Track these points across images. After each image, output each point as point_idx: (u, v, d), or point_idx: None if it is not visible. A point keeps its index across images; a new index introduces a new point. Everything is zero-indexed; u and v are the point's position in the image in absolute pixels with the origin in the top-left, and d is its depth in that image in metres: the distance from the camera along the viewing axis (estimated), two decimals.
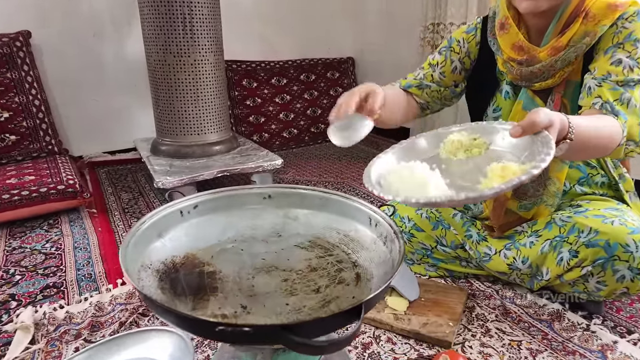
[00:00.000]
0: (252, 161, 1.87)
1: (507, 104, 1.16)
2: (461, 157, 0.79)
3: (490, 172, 0.68)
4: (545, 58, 1.00)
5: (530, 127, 0.70)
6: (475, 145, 0.79)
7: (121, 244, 0.67)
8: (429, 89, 1.21)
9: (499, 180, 0.65)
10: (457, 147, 0.81)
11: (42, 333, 1.13)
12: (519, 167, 0.67)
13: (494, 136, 0.79)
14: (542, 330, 1.05)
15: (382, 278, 0.69)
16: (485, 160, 0.75)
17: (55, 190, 1.80)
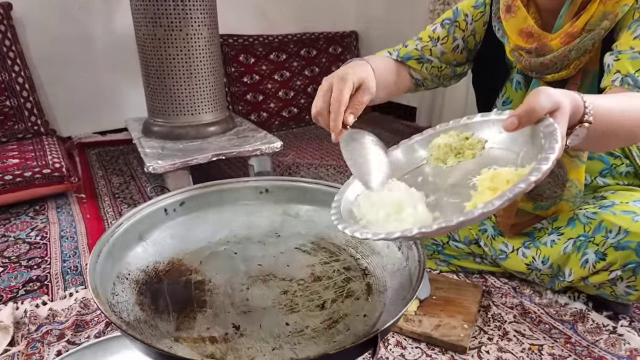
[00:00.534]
0: (249, 144, 1.76)
1: (519, 95, 1.03)
2: (452, 164, 0.64)
3: (480, 183, 0.54)
4: (558, 47, 0.86)
5: (527, 115, 0.54)
6: (467, 147, 0.64)
7: (90, 256, 0.57)
8: (429, 64, 1.05)
9: (489, 194, 0.51)
10: (446, 151, 0.66)
11: (22, 333, 1.04)
12: (514, 172, 0.52)
13: (490, 131, 0.63)
14: (565, 332, 0.97)
15: (398, 292, 0.60)
16: (479, 165, 0.60)
17: (40, 175, 1.69)
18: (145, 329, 0.55)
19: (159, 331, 0.55)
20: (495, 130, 0.63)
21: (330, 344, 0.54)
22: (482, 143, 0.63)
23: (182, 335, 0.55)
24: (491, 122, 0.63)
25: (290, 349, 0.53)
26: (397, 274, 0.63)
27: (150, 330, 0.55)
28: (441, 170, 0.65)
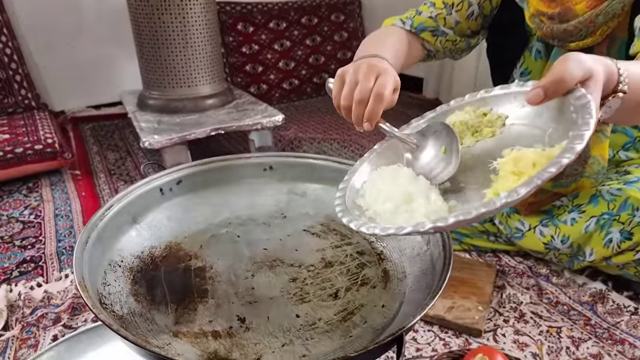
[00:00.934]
0: (249, 117, 1.68)
1: (538, 65, 0.95)
2: (469, 144, 0.57)
3: (502, 167, 0.47)
4: (584, 11, 0.78)
5: (555, 86, 0.47)
6: (486, 124, 0.57)
7: (77, 243, 0.51)
8: (443, 38, 0.97)
9: (512, 179, 0.44)
10: (462, 130, 0.59)
11: (16, 317, 1.00)
12: (541, 153, 0.45)
13: (511, 106, 0.56)
14: (584, 314, 0.92)
15: (419, 280, 0.54)
16: (500, 144, 0.54)
17: (32, 151, 1.63)
18: (140, 323, 0.49)
19: (156, 325, 0.50)
20: (517, 104, 0.55)
21: (346, 339, 0.48)
22: (502, 119, 0.56)
23: (182, 330, 0.50)
24: (512, 95, 0.56)
25: (302, 344, 0.48)
26: (417, 259, 0.57)
27: (146, 324, 0.50)
28: None
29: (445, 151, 0.55)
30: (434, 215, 0.46)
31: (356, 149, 1.85)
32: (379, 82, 0.60)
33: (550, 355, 0.83)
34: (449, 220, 0.40)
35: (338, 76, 0.65)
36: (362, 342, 0.48)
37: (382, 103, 0.59)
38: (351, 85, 0.62)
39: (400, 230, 0.43)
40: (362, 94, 0.60)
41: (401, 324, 0.46)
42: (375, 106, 0.59)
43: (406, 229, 0.42)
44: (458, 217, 0.40)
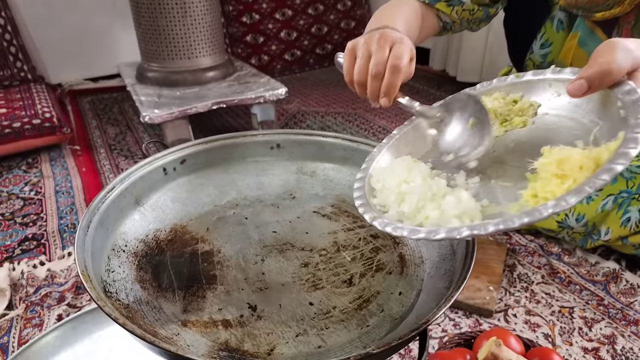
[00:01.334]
0: (251, 90, 1.63)
1: (560, 37, 0.90)
2: (498, 134, 0.52)
3: (542, 167, 0.42)
4: None
5: (600, 77, 0.43)
6: (516, 112, 0.52)
7: (78, 228, 0.49)
8: (460, 7, 0.92)
9: (555, 183, 0.39)
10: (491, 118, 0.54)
11: (20, 296, 0.99)
12: (587, 155, 0.39)
13: (545, 93, 0.52)
14: (597, 294, 0.91)
15: (438, 266, 0.52)
16: (534, 137, 0.49)
17: (30, 125, 1.59)
18: (147, 312, 0.47)
19: (163, 314, 0.48)
20: (552, 92, 0.51)
21: (363, 329, 0.46)
22: (535, 108, 0.52)
23: (191, 319, 0.47)
24: (546, 81, 0.51)
25: (317, 334, 0.46)
26: (434, 244, 0.55)
27: (153, 313, 0.47)
28: None
29: (472, 125, 0.52)
30: (466, 217, 0.43)
31: (361, 123, 1.81)
32: (395, 52, 0.56)
33: (563, 336, 0.82)
34: (488, 228, 0.37)
35: (348, 50, 0.60)
36: (380, 332, 0.46)
37: (399, 75, 0.55)
38: (364, 58, 0.58)
39: (433, 234, 0.39)
40: (378, 66, 0.56)
41: (423, 315, 0.44)
42: (392, 79, 0.55)
43: (439, 234, 0.39)
44: (498, 227, 0.36)
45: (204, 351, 0.44)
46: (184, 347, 0.44)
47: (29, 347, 0.78)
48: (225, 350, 0.44)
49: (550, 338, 0.82)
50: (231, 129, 1.82)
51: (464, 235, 0.38)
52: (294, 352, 0.44)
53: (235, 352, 0.44)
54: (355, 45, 0.60)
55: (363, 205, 0.48)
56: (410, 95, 0.58)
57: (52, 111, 1.66)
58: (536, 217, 0.36)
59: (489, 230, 0.37)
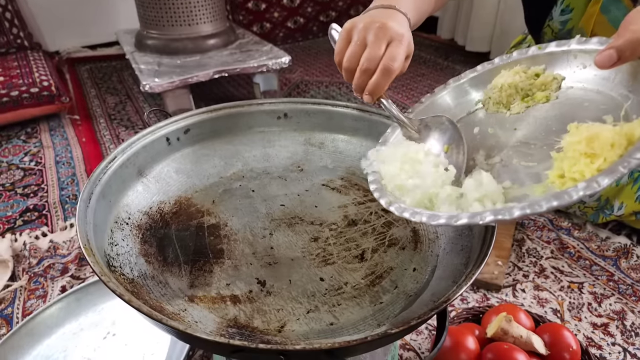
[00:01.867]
0: (253, 59, 1.59)
1: (581, 2, 0.85)
2: (518, 110, 0.50)
3: (569, 146, 0.39)
4: None
5: (632, 47, 0.39)
6: (538, 86, 0.49)
7: (79, 201, 0.47)
8: None
9: (584, 163, 0.37)
10: (510, 94, 0.51)
11: (23, 267, 0.98)
12: (618, 132, 0.36)
13: (570, 65, 0.48)
14: (607, 269, 0.89)
15: (454, 241, 0.50)
16: (559, 113, 0.46)
17: (28, 94, 1.55)
18: (153, 287, 0.46)
19: (170, 289, 0.46)
20: (577, 64, 0.47)
21: (376, 306, 0.45)
22: (559, 81, 0.48)
23: (198, 294, 0.46)
24: (571, 53, 0.48)
25: (329, 311, 0.44)
26: None
27: (159, 288, 0.46)
28: (504, 118, 0.50)
29: (447, 150, 0.49)
30: (488, 200, 0.40)
31: None
32: (390, 52, 0.51)
33: (572, 311, 0.81)
34: (514, 213, 0.34)
35: (345, 30, 0.55)
36: (394, 309, 0.44)
37: (389, 77, 0.51)
38: (357, 46, 0.53)
39: (454, 220, 0.37)
40: (370, 62, 0.51)
41: (440, 292, 0.42)
42: (381, 80, 0.51)
43: (461, 219, 0.36)
44: (525, 211, 0.34)
45: (213, 328, 0.42)
46: (192, 323, 0.42)
47: (33, 318, 0.77)
48: (235, 326, 0.43)
49: (559, 313, 0.81)
50: (233, 99, 1.77)
51: (487, 221, 0.36)
52: (306, 329, 0.43)
53: (245, 329, 0.43)
54: (353, 27, 0.55)
55: (378, 190, 0.46)
56: (416, 66, 0.55)
57: (50, 79, 1.62)
58: (565, 200, 0.33)
59: (515, 215, 0.34)
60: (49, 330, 0.78)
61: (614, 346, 0.75)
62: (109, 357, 0.73)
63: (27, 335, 0.76)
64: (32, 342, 0.76)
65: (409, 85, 1.81)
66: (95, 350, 0.74)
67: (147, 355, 0.72)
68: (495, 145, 0.48)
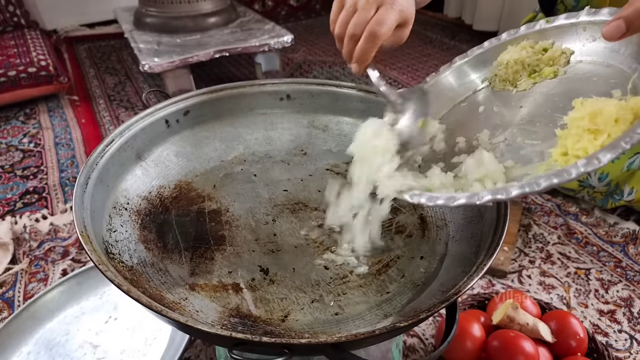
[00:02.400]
0: (255, 37, 1.55)
1: None
2: (525, 87, 0.48)
3: (572, 122, 0.37)
4: None
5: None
6: (546, 61, 0.47)
7: (75, 185, 0.45)
8: None
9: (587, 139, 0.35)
10: (517, 70, 0.49)
11: (23, 250, 0.97)
12: (624, 106, 0.35)
13: (579, 39, 0.46)
14: (615, 255, 0.88)
15: (464, 229, 0.48)
16: (566, 88, 0.44)
17: (26, 74, 1.52)
18: (153, 275, 0.44)
19: (170, 277, 0.45)
20: (586, 37, 0.45)
21: (383, 296, 0.43)
22: (567, 55, 0.46)
23: (199, 282, 0.45)
24: (580, 25, 0.45)
25: (334, 301, 0.43)
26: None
27: (159, 276, 0.45)
28: (510, 96, 0.48)
29: (422, 125, 0.48)
30: (489, 180, 0.39)
31: None
32: (377, 16, 0.48)
33: (578, 298, 0.80)
34: (511, 192, 0.34)
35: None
36: (401, 299, 0.43)
37: (374, 43, 0.48)
38: (349, 11, 0.50)
39: (451, 201, 0.36)
40: (356, 27, 0.49)
41: (449, 282, 0.41)
42: (365, 46, 0.49)
43: (459, 200, 0.36)
44: (523, 189, 0.33)
45: (214, 317, 0.41)
46: (193, 313, 0.41)
47: (34, 301, 0.77)
48: (237, 316, 0.41)
49: (565, 300, 0.80)
50: (234, 79, 1.75)
51: (484, 200, 0.35)
52: (310, 319, 0.41)
53: (247, 319, 0.41)
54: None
55: None
56: (422, 46, 0.52)
57: (48, 59, 1.59)
58: (564, 178, 0.32)
59: (512, 194, 0.34)
60: (50, 314, 0.77)
61: (621, 333, 0.74)
62: (111, 341, 0.72)
63: (29, 318, 0.76)
64: (34, 325, 0.75)
65: (415, 66, 1.77)
66: (98, 335, 0.73)
67: (150, 339, 0.72)
68: (499, 124, 0.46)
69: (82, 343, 0.72)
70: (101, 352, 0.70)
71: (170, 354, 0.67)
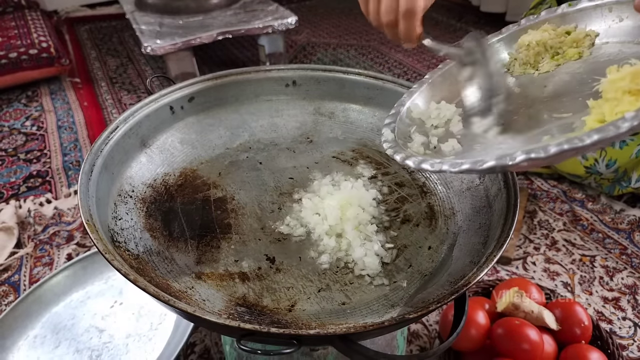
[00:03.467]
0: (258, 19, 1.52)
1: None
2: (548, 69, 0.46)
3: (609, 86, 0.35)
4: None
5: None
6: (569, 44, 0.46)
7: (80, 173, 0.44)
8: None
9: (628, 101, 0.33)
10: (539, 52, 0.47)
11: (28, 234, 0.97)
12: None
13: (604, 20, 0.45)
14: (620, 243, 0.88)
15: (472, 219, 0.48)
16: (593, 67, 0.42)
17: (27, 56, 1.51)
18: (159, 264, 0.44)
19: (176, 265, 0.45)
20: (613, 17, 0.44)
21: (390, 285, 0.43)
22: (592, 37, 0.45)
23: (205, 271, 0.45)
24: (605, 7, 0.44)
25: (340, 290, 0.43)
26: (466, 194, 0.50)
27: (165, 264, 0.44)
28: (532, 78, 0.47)
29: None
30: None
31: (375, 57, 1.71)
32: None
33: (583, 285, 0.80)
34: (549, 150, 0.29)
35: None
36: (409, 289, 0.43)
37: (414, 19, 0.47)
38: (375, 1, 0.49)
39: (479, 164, 0.33)
40: (388, 14, 0.47)
41: (457, 272, 0.40)
42: (406, 25, 0.47)
43: (487, 162, 0.33)
44: (562, 147, 0.29)
45: (221, 306, 0.41)
46: (199, 301, 0.41)
47: (40, 285, 0.77)
48: (243, 305, 0.41)
49: (569, 287, 0.80)
50: (237, 61, 1.73)
51: (517, 161, 0.31)
52: (317, 309, 0.41)
53: (254, 308, 0.41)
54: None
55: (392, 147, 0.43)
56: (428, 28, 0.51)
57: (49, 41, 1.57)
58: (611, 132, 0.28)
59: (550, 152, 0.30)
60: (56, 298, 0.78)
61: (625, 320, 0.74)
62: (117, 325, 0.73)
63: (35, 302, 0.76)
64: (40, 309, 0.76)
65: (420, 48, 1.74)
66: (103, 319, 0.74)
67: (155, 324, 0.72)
68: (522, 103, 0.44)
69: (88, 327, 0.73)
70: (107, 337, 0.71)
71: (176, 339, 0.67)
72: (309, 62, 1.70)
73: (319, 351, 0.52)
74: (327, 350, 0.52)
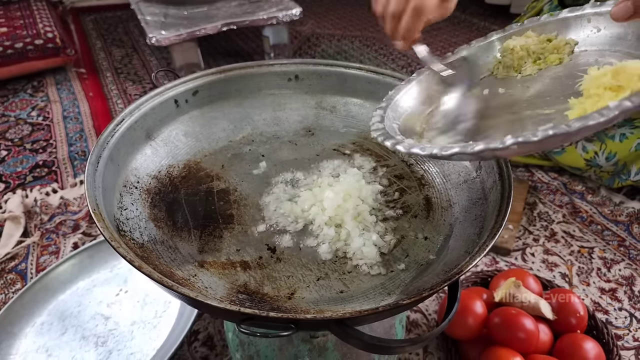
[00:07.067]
0: (263, 10, 1.53)
1: None
2: (530, 73, 0.48)
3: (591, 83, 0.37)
4: None
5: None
6: (550, 50, 0.48)
7: (87, 164, 0.46)
8: None
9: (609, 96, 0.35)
10: (522, 56, 0.49)
11: (35, 224, 0.99)
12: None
13: (583, 30, 0.47)
14: (619, 235, 0.89)
15: (468, 210, 0.49)
16: (574, 71, 0.45)
17: (32, 46, 1.52)
18: (163, 252, 0.46)
19: (179, 254, 0.46)
20: (590, 28, 0.46)
21: (387, 274, 0.44)
22: (571, 46, 0.47)
23: (208, 260, 0.46)
24: (584, 17, 0.47)
25: (339, 279, 0.44)
26: (463, 186, 0.51)
27: (169, 253, 0.46)
28: (515, 80, 0.49)
29: None
30: None
31: (380, 49, 1.71)
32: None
33: (580, 276, 0.81)
34: (537, 134, 0.31)
35: None
36: (405, 278, 0.44)
37: (420, 18, 0.48)
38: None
39: (470, 147, 0.34)
40: (398, 4, 0.48)
41: (452, 262, 0.42)
42: (411, 22, 0.48)
43: (477, 145, 0.34)
44: (547, 132, 0.30)
45: (223, 293, 0.42)
46: (202, 289, 0.42)
47: (47, 274, 0.79)
48: (245, 292, 0.43)
49: (567, 278, 0.81)
50: (241, 52, 1.73)
51: (507, 144, 0.32)
52: (316, 297, 0.43)
53: (255, 295, 0.43)
54: None
55: (382, 134, 0.43)
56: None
57: (55, 31, 1.58)
58: (594, 120, 0.29)
59: (538, 136, 0.31)
60: (62, 286, 0.80)
61: (621, 311, 0.75)
62: (122, 313, 0.75)
63: (42, 290, 0.78)
64: (47, 297, 0.78)
65: (424, 40, 1.74)
66: (109, 307, 0.76)
67: (160, 312, 0.74)
68: (506, 103, 0.46)
69: (94, 314, 0.75)
70: (112, 324, 0.73)
71: (180, 327, 0.69)
72: (313, 53, 1.71)
73: (319, 338, 0.54)
74: (327, 338, 0.54)
